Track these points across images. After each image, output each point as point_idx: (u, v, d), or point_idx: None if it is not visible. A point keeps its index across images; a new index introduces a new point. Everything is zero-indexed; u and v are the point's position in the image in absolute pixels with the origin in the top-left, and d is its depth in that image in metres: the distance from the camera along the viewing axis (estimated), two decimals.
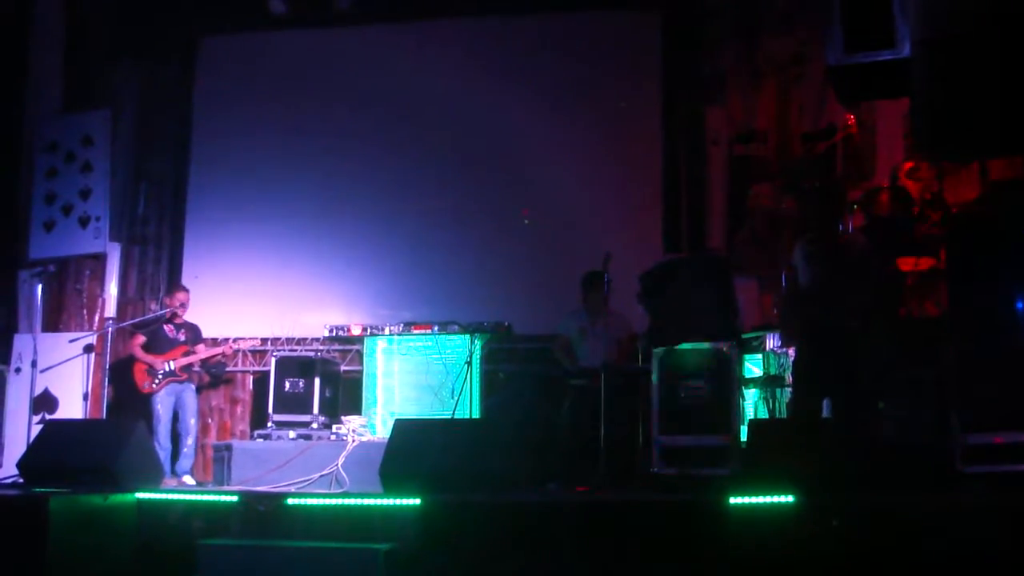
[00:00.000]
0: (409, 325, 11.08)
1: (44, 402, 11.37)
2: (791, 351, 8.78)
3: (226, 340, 11.56)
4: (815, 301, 8.16)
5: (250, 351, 12.18)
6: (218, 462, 10.49)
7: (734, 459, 7.67)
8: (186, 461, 10.76)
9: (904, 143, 10.52)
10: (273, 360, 11.37)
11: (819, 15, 9.27)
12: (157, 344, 10.99)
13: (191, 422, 10.87)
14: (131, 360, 11.16)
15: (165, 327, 11.06)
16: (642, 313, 9.02)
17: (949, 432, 7.33)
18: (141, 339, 11.02)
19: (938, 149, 8.89)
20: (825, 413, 8.14)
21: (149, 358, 10.85)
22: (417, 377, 10.94)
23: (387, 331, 11.13)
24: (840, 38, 8.92)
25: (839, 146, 10.67)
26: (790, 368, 8.79)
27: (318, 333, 11.75)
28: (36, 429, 10.07)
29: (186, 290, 11.26)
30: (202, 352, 11.07)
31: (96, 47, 12.92)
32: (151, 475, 8.47)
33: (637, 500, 7.27)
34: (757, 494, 6.47)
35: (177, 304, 11.09)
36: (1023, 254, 7.95)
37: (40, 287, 12.23)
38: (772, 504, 6.41)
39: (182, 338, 11.05)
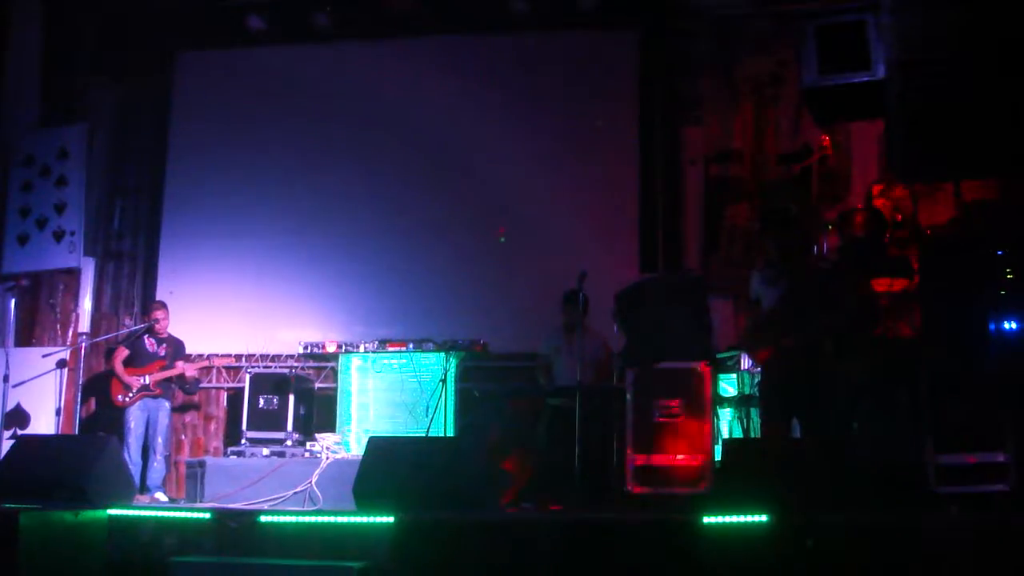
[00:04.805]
0: (384, 343, 11.05)
1: (16, 417, 11.30)
2: None
3: (200, 356, 11.51)
4: (780, 323, 8.14)
5: (224, 367, 12.14)
6: (191, 478, 10.45)
7: (708, 478, 7.68)
8: (155, 475, 10.68)
9: (879, 164, 10.58)
10: (247, 377, 11.34)
11: (795, 37, 9.31)
12: (137, 357, 10.95)
13: (159, 440, 10.78)
14: (109, 373, 11.11)
15: (146, 341, 11.01)
16: (618, 332, 9.03)
17: (923, 452, 7.36)
18: (124, 353, 10.97)
19: (912, 170, 8.95)
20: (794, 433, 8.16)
21: (126, 376, 10.79)
22: (392, 395, 10.91)
23: (362, 348, 11.10)
24: (816, 60, 8.99)
25: (815, 167, 10.72)
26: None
27: (293, 350, 11.71)
28: (7, 444, 10.02)
29: (163, 306, 11.18)
30: (178, 369, 10.98)
31: (73, 61, 12.88)
32: (123, 491, 8.42)
33: (611, 519, 7.25)
34: (731, 513, 6.46)
35: (153, 319, 11.03)
36: (996, 276, 7.99)
37: (13, 301, 12.20)
38: (746, 524, 6.40)
39: (161, 353, 10.99)
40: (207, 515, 7.46)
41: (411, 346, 10.91)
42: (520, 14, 12.01)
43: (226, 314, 12.23)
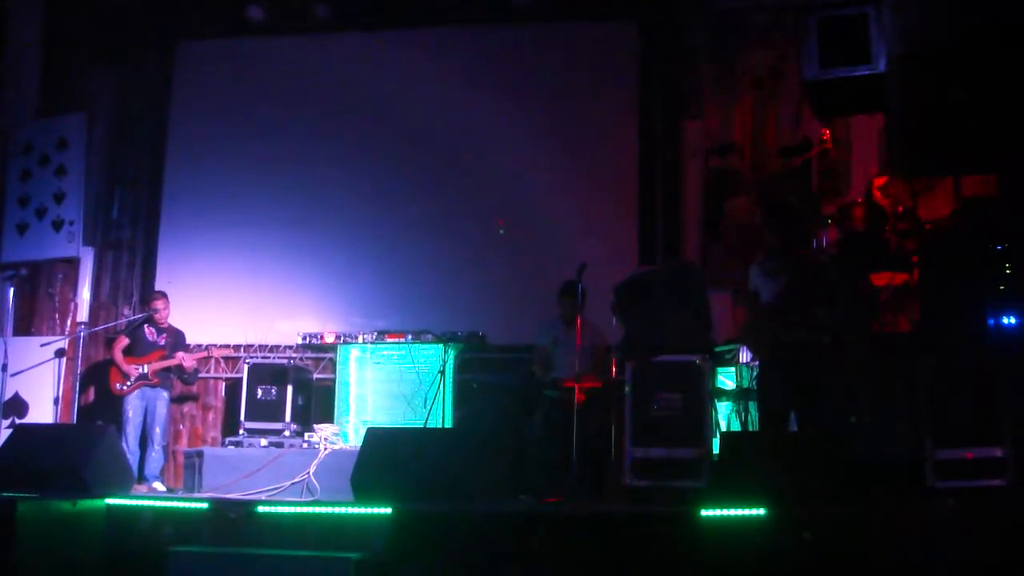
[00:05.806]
0: (383, 334, 11.05)
1: (14, 406, 11.30)
2: None
3: (199, 346, 11.50)
4: (779, 316, 8.11)
5: (223, 358, 12.13)
6: (189, 468, 10.44)
7: (706, 471, 7.67)
8: (153, 466, 10.69)
9: (879, 158, 10.56)
10: (245, 367, 11.32)
11: (796, 30, 9.30)
12: (137, 346, 10.95)
13: (156, 431, 10.78)
14: (108, 362, 11.11)
15: (146, 330, 11.01)
16: (617, 324, 9.01)
17: (921, 447, 7.35)
18: (124, 342, 10.98)
19: (912, 165, 8.95)
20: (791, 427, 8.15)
21: (124, 365, 10.79)
22: (390, 386, 10.91)
23: (360, 339, 11.10)
24: (817, 53, 8.98)
25: (814, 161, 10.70)
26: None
27: (291, 341, 11.72)
28: (5, 433, 10.03)
29: (163, 296, 11.18)
30: (178, 359, 10.97)
31: (73, 51, 12.88)
32: (121, 481, 8.43)
33: (609, 512, 7.26)
34: (729, 506, 6.46)
35: (152, 309, 11.03)
36: (995, 270, 7.99)
37: (12, 290, 12.20)
38: (744, 517, 6.41)
39: (161, 342, 10.99)
40: (205, 505, 7.47)
41: (410, 337, 10.91)
42: (520, 5, 12.00)
43: (225, 304, 12.22)
